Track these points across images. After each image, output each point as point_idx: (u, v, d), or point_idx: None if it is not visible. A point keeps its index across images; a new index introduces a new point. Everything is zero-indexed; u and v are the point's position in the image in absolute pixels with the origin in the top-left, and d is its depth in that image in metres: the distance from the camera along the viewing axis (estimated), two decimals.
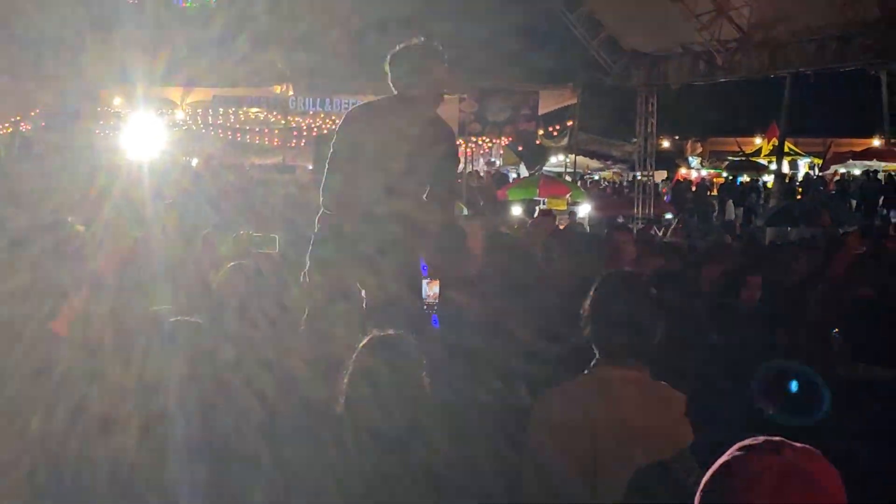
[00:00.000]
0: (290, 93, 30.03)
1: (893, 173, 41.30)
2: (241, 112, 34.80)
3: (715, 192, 50.95)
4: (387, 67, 7.90)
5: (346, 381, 4.97)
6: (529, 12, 34.58)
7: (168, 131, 33.48)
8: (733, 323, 8.78)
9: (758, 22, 26.03)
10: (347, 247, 7.88)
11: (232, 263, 9.01)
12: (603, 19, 29.28)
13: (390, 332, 5.14)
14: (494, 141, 40.25)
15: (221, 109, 34.92)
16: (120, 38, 29.25)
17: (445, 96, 8.03)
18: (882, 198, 41.30)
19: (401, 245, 8.07)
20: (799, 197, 45.53)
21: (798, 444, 2.57)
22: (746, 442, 2.58)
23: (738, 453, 2.54)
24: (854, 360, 5.86)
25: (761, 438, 2.59)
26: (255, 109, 33.91)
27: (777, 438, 2.58)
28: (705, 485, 2.58)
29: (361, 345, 5.01)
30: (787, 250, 12.63)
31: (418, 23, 32.44)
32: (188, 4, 43.30)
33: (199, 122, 37.59)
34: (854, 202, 44.39)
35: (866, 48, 23.84)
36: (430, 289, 8.69)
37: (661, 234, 23.49)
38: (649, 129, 31.08)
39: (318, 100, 32.69)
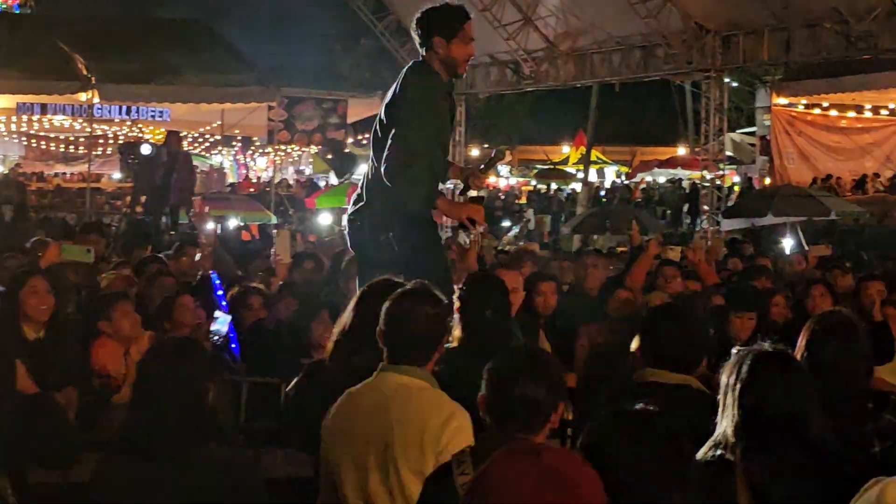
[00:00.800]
0: (96, 100, 29.52)
1: (697, 182, 42.06)
2: (45, 120, 34.10)
3: (524, 200, 51.49)
4: (414, 31, 7.62)
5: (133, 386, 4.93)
6: (338, 21, 34.60)
7: None
8: (530, 329, 8.88)
9: (564, 32, 26.40)
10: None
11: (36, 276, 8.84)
12: (411, 27, 29.35)
13: (178, 336, 5.13)
14: (304, 149, 40.08)
15: (25, 117, 34.17)
16: None
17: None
18: (686, 205, 42.10)
19: None
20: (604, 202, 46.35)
21: (556, 447, 2.61)
22: (507, 447, 2.60)
23: (498, 458, 2.56)
24: (648, 365, 5.95)
25: (522, 444, 2.62)
26: (59, 117, 33.23)
27: (537, 442, 2.62)
28: (468, 490, 2.60)
29: (149, 349, 4.96)
30: (591, 257, 12.79)
31: (227, 29, 32.26)
32: None
33: (3, 129, 36.78)
34: (659, 210, 45.25)
35: (670, 58, 24.34)
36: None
37: (469, 240, 23.55)
38: (458, 138, 31.21)
39: (124, 107, 32.20)
